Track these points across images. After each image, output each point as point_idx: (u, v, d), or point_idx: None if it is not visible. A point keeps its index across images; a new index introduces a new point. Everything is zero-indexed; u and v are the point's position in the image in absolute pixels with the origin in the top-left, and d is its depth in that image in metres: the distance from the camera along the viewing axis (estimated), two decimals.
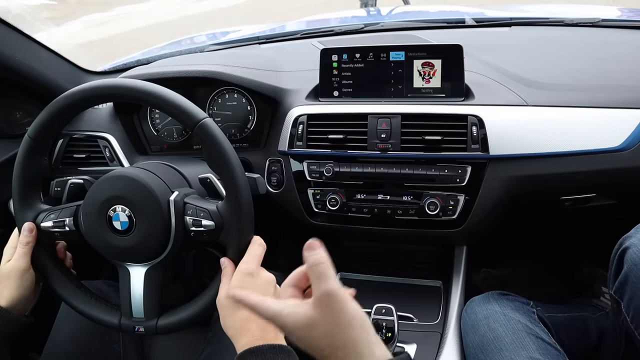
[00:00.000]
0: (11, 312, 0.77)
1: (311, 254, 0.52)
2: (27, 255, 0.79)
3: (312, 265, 0.51)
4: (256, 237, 0.75)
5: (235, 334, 0.66)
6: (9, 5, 1.33)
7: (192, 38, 1.68)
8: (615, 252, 0.80)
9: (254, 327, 0.65)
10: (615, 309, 0.80)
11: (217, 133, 0.72)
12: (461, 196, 0.96)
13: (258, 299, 0.55)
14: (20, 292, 0.78)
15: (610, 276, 0.80)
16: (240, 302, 0.55)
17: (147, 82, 0.75)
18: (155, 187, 0.75)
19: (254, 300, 0.54)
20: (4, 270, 0.79)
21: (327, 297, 0.49)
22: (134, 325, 0.79)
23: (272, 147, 1.06)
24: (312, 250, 0.52)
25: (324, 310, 0.49)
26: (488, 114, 0.94)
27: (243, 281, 0.69)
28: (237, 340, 0.65)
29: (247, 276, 0.70)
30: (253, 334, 0.64)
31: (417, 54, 0.99)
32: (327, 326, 0.49)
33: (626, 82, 1.00)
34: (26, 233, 0.79)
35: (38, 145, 0.78)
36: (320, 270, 0.50)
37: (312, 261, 0.51)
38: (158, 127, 1.16)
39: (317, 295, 0.50)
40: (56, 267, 0.83)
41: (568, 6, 1.77)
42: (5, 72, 1.02)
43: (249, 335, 0.64)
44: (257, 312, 0.54)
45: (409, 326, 0.99)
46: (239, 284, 0.69)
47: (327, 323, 0.49)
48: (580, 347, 0.96)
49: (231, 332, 0.67)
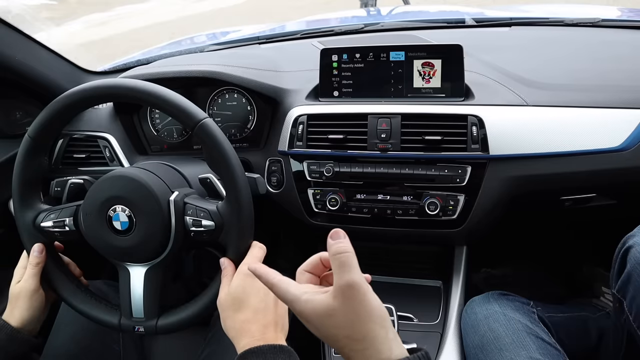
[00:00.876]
0: (21, 332, 0.78)
1: (335, 242, 0.51)
2: (37, 276, 0.80)
3: (336, 254, 0.50)
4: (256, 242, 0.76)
5: (235, 335, 0.66)
6: (9, 5, 1.33)
7: (192, 38, 1.68)
8: (618, 251, 0.80)
9: (254, 329, 0.65)
10: (617, 308, 0.80)
11: (218, 133, 0.72)
12: (461, 196, 0.96)
13: (278, 278, 0.54)
14: (30, 313, 0.79)
15: (613, 275, 0.80)
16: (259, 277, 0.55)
17: (147, 82, 0.75)
18: (155, 187, 0.75)
19: (273, 278, 0.54)
20: (14, 291, 0.80)
21: (350, 288, 0.48)
22: (133, 325, 0.79)
23: (272, 147, 1.06)
24: (336, 239, 0.51)
25: (345, 301, 0.48)
26: (488, 114, 0.94)
27: (244, 282, 0.69)
28: (237, 341, 0.65)
29: (248, 277, 0.69)
30: (253, 334, 0.64)
31: (417, 54, 0.99)
32: (347, 317, 0.48)
33: (626, 82, 1.00)
34: (36, 254, 0.80)
35: (38, 145, 0.78)
36: (344, 259, 0.49)
37: (336, 249, 0.50)
38: (158, 127, 1.16)
39: (339, 284, 0.49)
40: (56, 267, 0.83)
41: (568, 6, 1.77)
42: (5, 72, 1.02)
43: (249, 336, 0.64)
44: (275, 291, 0.54)
45: (409, 326, 0.99)
46: (240, 284, 0.69)
47: (347, 314, 0.48)
48: (580, 347, 0.96)
49: (232, 333, 0.67)
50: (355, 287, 0.48)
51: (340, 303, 0.48)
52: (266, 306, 0.68)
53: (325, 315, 0.49)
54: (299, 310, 0.51)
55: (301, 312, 0.51)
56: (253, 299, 0.68)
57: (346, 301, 0.48)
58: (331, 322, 0.49)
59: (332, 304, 0.49)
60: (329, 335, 0.50)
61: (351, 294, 0.48)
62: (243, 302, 0.67)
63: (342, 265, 0.49)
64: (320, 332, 0.51)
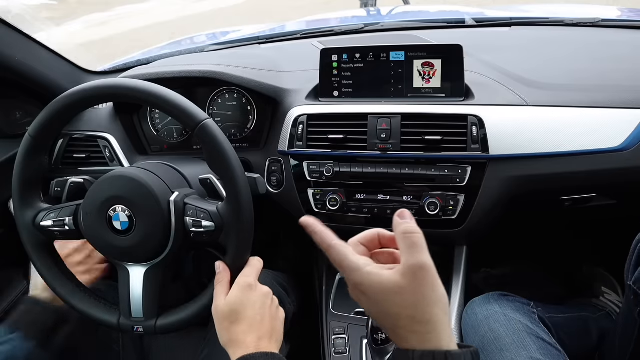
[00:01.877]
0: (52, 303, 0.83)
1: (404, 222, 0.50)
2: None
3: (406, 233, 0.49)
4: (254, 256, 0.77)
5: (230, 345, 0.68)
6: (9, 5, 1.33)
7: (192, 38, 1.68)
8: (637, 243, 0.80)
9: (249, 340, 0.67)
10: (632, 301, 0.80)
11: (218, 134, 0.72)
12: (461, 196, 0.96)
13: (335, 241, 0.52)
14: None
15: (630, 267, 0.80)
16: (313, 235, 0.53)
17: (148, 82, 0.75)
18: (155, 187, 0.74)
19: (331, 240, 0.52)
20: None
21: (421, 269, 0.47)
22: (132, 325, 0.79)
23: (272, 147, 1.06)
24: (404, 218, 0.51)
25: (414, 281, 0.47)
26: (488, 114, 0.94)
27: (242, 294, 0.70)
28: (232, 352, 0.67)
29: (246, 288, 0.71)
30: (248, 346, 0.66)
31: (417, 54, 0.99)
32: (414, 297, 0.47)
33: (626, 82, 1.00)
34: None
35: (38, 144, 0.78)
36: (415, 239, 0.48)
37: (406, 228, 0.49)
38: (158, 127, 1.16)
39: (410, 263, 0.47)
40: (56, 266, 0.83)
41: (568, 6, 1.78)
42: (5, 72, 1.02)
43: (244, 347, 0.66)
44: (331, 253, 0.52)
45: None
46: (237, 296, 0.70)
47: (415, 294, 0.47)
48: (581, 348, 0.96)
49: (227, 343, 0.69)
50: (426, 268, 0.47)
51: (410, 282, 0.47)
52: (262, 319, 0.69)
53: (391, 292, 0.48)
54: (358, 280, 0.49)
55: (361, 283, 0.49)
56: (249, 311, 0.69)
57: (416, 282, 0.47)
58: (397, 300, 0.47)
59: (401, 282, 0.47)
60: (389, 312, 0.48)
61: (422, 275, 0.47)
62: (240, 314, 0.68)
63: (413, 245, 0.48)
64: (378, 307, 0.49)
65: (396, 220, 0.51)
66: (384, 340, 0.90)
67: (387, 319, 0.49)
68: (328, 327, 1.03)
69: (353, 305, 1.06)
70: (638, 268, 0.77)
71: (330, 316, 1.06)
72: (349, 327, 1.01)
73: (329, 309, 1.08)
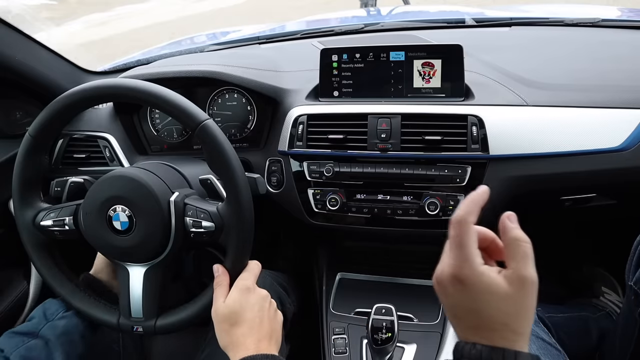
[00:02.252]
0: None
1: (516, 227, 0.50)
2: None
3: (519, 240, 0.49)
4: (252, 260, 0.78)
5: (231, 348, 0.68)
6: (9, 5, 1.33)
7: (192, 38, 1.68)
8: (638, 244, 0.80)
9: (249, 342, 0.67)
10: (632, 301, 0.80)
11: (218, 134, 0.72)
12: (461, 196, 0.96)
13: (472, 221, 0.51)
14: None
15: (630, 268, 0.80)
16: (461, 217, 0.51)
17: (148, 82, 0.75)
18: (155, 187, 0.75)
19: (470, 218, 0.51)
20: None
21: (531, 283, 0.48)
22: (132, 325, 0.79)
23: (272, 147, 1.06)
24: (514, 223, 0.50)
25: (521, 292, 0.48)
26: (488, 114, 0.94)
27: (241, 297, 0.71)
28: (232, 354, 0.68)
29: (245, 291, 0.72)
30: (248, 347, 0.67)
31: (417, 54, 0.99)
32: (516, 308, 0.48)
33: (626, 82, 1.00)
34: None
35: (39, 144, 0.78)
36: (528, 250, 0.48)
37: (518, 236, 0.49)
38: (158, 127, 1.16)
39: (522, 274, 0.47)
40: (56, 266, 0.83)
41: (568, 6, 1.78)
42: (5, 72, 1.02)
43: (243, 349, 0.67)
44: (460, 231, 0.50)
45: (409, 326, 0.99)
46: (237, 299, 0.71)
47: (517, 304, 0.48)
48: (580, 347, 0.96)
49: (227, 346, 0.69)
50: (535, 283, 0.48)
51: (516, 292, 0.47)
52: (261, 321, 0.70)
53: (496, 296, 0.48)
54: (466, 273, 0.48)
55: (467, 277, 0.48)
56: (249, 313, 0.70)
57: (522, 293, 0.47)
58: (499, 305, 0.48)
59: (509, 290, 0.47)
60: (482, 314, 0.48)
61: (530, 288, 0.48)
62: (239, 317, 0.69)
63: (526, 256, 0.48)
64: (472, 305, 0.48)
65: (506, 224, 0.50)
66: (384, 340, 0.90)
67: (473, 318, 0.49)
68: (328, 327, 1.03)
69: (353, 305, 1.06)
70: (639, 269, 0.77)
71: (330, 316, 1.06)
72: (349, 327, 1.01)
73: (329, 309, 1.08)
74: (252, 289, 0.73)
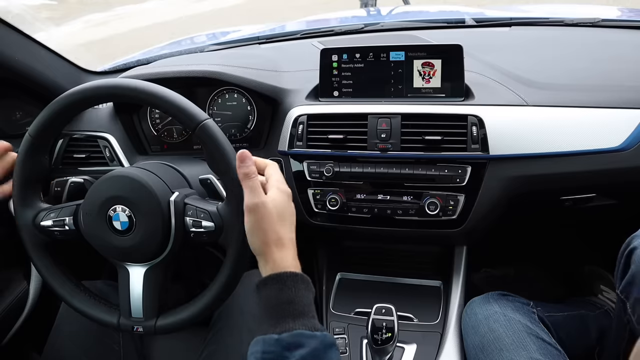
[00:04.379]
0: None
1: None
2: None
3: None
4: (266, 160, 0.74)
5: (268, 249, 0.65)
6: (9, 5, 1.33)
7: (192, 38, 1.68)
8: (623, 251, 0.80)
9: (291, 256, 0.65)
10: (620, 308, 0.80)
11: (218, 134, 0.72)
12: (461, 196, 0.96)
13: None
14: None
15: (617, 275, 0.80)
16: None
17: (148, 82, 0.75)
18: (155, 187, 0.75)
19: None
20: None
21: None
22: (132, 325, 0.79)
23: (272, 147, 1.06)
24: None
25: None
26: (488, 114, 0.94)
27: (287, 202, 0.68)
28: (267, 257, 0.65)
29: (288, 197, 0.69)
30: (289, 259, 0.65)
31: (417, 54, 0.99)
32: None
33: (626, 82, 1.00)
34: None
35: (39, 144, 0.78)
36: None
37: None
38: (158, 127, 1.16)
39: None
40: (56, 266, 0.83)
41: (568, 6, 1.77)
42: (5, 72, 1.02)
43: (287, 255, 0.65)
44: None
45: (409, 326, 1.00)
46: (283, 198, 0.68)
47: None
48: (580, 347, 0.96)
49: (267, 242, 0.65)
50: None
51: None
52: (292, 230, 0.68)
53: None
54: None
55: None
56: (289, 220, 0.68)
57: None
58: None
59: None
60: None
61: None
62: (285, 220, 0.67)
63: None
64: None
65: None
66: (384, 340, 0.90)
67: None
68: (328, 327, 1.03)
69: (353, 305, 1.06)
70: (625, 277, 0.77)
71: (330, 316, 1.06)
72: (349, 327, 1.01)
73: (329, 309, 1.08)
74: (290, 197, 0.70)
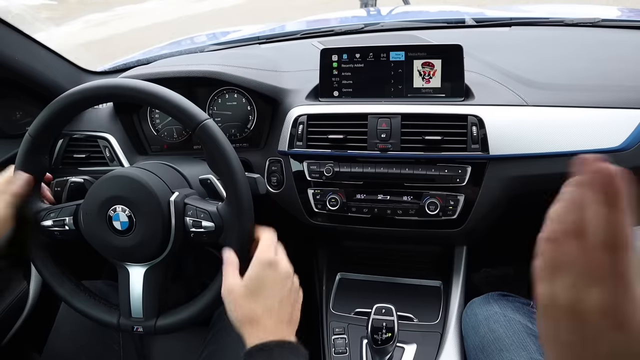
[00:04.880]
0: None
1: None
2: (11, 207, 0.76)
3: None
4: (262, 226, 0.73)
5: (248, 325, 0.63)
6: (9, 5, 1.33)
7: (192, 38, 1.68)
8: None
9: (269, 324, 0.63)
10: None
11: (218, 134, 0.72)
12: (461, 196, 0.96)
13: None
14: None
15: None
16: None
17: (148, 82, 0.75)
18: (155, 187, 0.74)
19: None
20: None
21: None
22: (132, 325, 0.79)
23: (272, 147, 1.06)
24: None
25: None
26: (488, 114, 0.94)
27: (264, 271, 0.66)
28: (248, 332, 0.63)
29: (267, 267, 0.66)
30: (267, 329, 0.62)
31: (417, 54, 0.99)
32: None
33: (626, 82, 1.00)
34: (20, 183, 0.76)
35: (38, 144, 0.78)
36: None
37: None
38: (158, 127, 1.16)
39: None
40: (56, 266, 0.83)
41: (568, 6, 1.77)
42: (5, 72, 1.02)
43: (262, 330, 0.62)
44: None
45: (409, 326, 1.00)
46: (259, 273, 0.66)
47: None
48: None
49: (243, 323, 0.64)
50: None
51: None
52: (281, 302, 0.65)
53: None
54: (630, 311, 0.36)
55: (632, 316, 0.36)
56: (269, 291, 0.65)
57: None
58: None
59: None
60: None
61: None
62: (260, 293, 0.64)
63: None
64: None
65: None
66: (384, 340, 0.90)
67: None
68: (328, 327, 1.03)
69: (353, 305, 1.06)
70: None
71: (330, 316, 1.06)
72: (349, 327, 1.01)
73: (329, 309, 1.08)
74: (274, 264, 0.67)
